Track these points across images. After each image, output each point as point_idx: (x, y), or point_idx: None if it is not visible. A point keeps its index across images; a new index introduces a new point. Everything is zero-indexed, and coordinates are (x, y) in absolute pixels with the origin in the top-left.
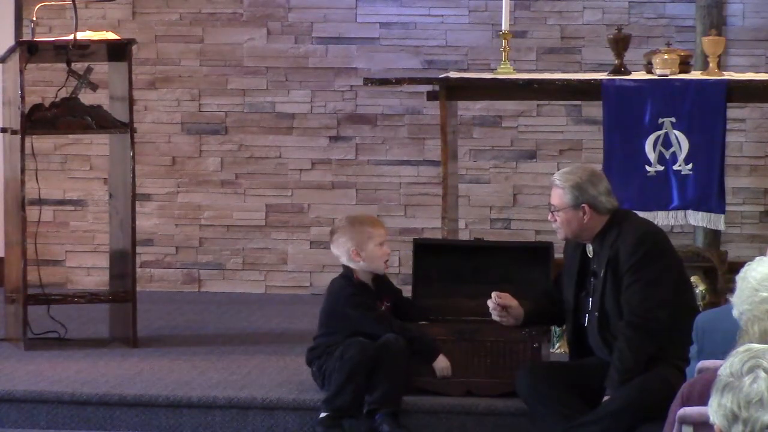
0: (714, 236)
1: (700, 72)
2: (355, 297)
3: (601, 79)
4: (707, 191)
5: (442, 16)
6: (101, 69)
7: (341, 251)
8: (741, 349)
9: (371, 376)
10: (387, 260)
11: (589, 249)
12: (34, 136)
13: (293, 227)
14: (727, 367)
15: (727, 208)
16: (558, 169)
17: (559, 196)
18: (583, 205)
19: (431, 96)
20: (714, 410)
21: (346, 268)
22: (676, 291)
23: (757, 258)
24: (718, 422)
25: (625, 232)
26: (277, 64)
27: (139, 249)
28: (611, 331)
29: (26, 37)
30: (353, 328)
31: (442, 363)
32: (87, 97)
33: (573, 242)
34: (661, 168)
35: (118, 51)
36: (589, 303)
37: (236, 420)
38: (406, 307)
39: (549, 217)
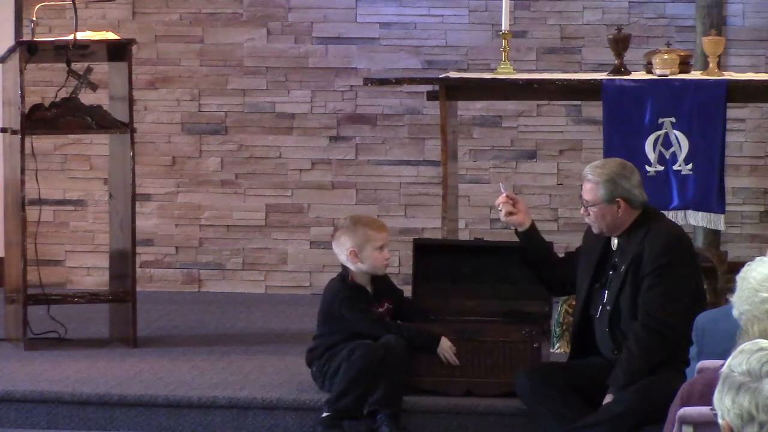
0: (714, 236)
1: (700, 72)
2: (348, 299)
3: (601, 79)
4: (707, 191)
5: (442, 16)
6: (101, 69)
7: (341, 250)
8: (754, 347)
9: (373, 378)
10: (386, 264)
11: (614, 242)
12: (34, 136)
13: (293, 227)
14: (742, 363)
15: (727, 208)
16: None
17: (592, 190)
18: (618, 199)
19: (431, 96)
20: (726, 408)
21: (344, 268)
22: (693, 299)
23: (757, 258)
24: (729, 420)
25: (654, 231)
26: (277, 64)
27: (139, 249)
28: (621, 327)
29: (26, 37)
30: (350, 330)
31: (445, 345)
32: (87, 97)
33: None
34: (660, 168)
35: (118, 51)
36: (603, 295)
37: (236, 420)
38: (408, 308)
39: (581, 212)
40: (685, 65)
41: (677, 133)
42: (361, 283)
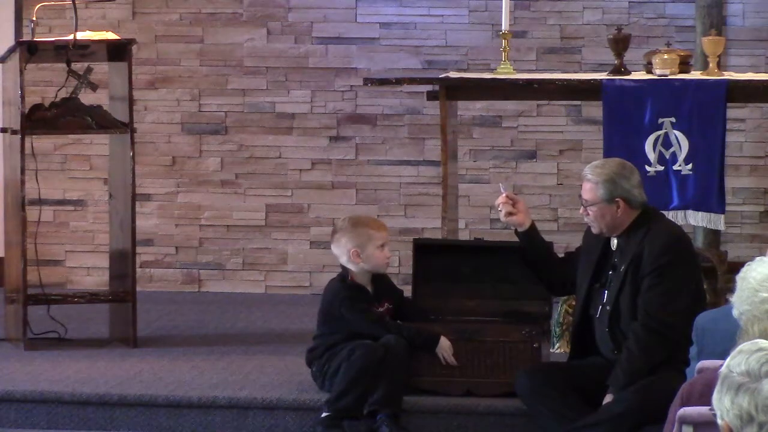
0: (714, 236)
1: (700, 72)
2: (348, 299)
3: (601, 79)
4: (707, 191)
5: (442, 16)
6: (101, 69)
7: (341, 251)
8: (753, 347)
9: (373, 378)
10: (388, 262)
11: (614, 242)
12: (34, 136)
13: (293, 227)
14: (741, 364)
15: (727, 208)
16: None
17: (591, 190)
18: (617, 199)
19: (431, 96)
20: (726, 408)
21: (343, 268)
22: (693, 299)
23: (757, 258)
24: (728, 420)
25: (654, 231)
26: (277, 64)
27: (139, 249)
28: (621, 327)
29: (26, 37)
30: (350, 330)
31: (444, 345)
32: (87, 97)
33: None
34: (660, 168)
35: (118, 51)
36: (603, 295)
37: (236, 420)
38: (408, 308)
39: (581, 211)
40: (685, 65)
41: (677, 133)
42: (361, 283)
